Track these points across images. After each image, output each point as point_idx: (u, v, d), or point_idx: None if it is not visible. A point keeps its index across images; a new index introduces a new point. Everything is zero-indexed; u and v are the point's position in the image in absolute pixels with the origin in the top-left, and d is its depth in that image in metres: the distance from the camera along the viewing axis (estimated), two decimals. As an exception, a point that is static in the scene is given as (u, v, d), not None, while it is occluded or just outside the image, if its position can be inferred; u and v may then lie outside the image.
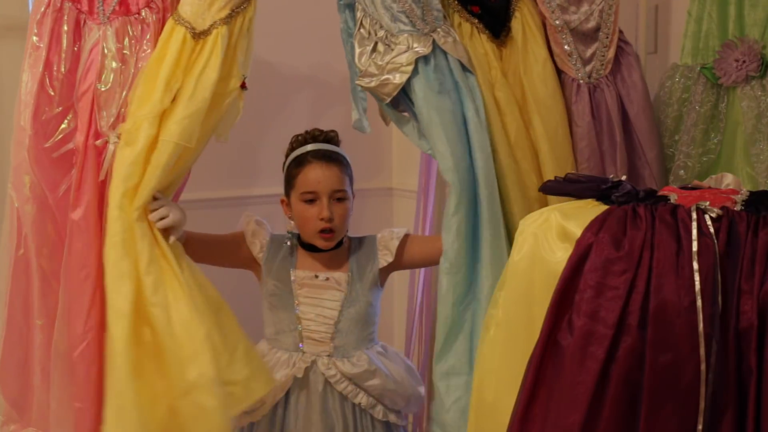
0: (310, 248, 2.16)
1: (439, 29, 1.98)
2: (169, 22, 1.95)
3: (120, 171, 1.87)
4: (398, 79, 1.94)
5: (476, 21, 2.07)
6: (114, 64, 1.94)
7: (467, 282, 1.94)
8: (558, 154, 2.02)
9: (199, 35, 1.93)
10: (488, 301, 1.87)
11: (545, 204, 2.02)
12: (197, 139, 1.92)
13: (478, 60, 2.04)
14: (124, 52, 1.95)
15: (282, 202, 2.19)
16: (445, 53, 1.97)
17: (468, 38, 2.05)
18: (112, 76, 1.94)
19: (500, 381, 1.54)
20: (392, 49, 1.95)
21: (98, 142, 1.93)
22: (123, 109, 1.93)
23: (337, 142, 2.20)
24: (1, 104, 2.34)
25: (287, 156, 2.19)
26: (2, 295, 2.03)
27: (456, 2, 2.07)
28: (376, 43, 1.97)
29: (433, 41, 1.96)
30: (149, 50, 1.96)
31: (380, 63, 1.95)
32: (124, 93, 1.94)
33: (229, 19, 1.94)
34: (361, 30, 1.98)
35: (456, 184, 1.92)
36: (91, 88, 1.94)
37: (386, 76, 1.95)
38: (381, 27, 1.96)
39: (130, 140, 1.89)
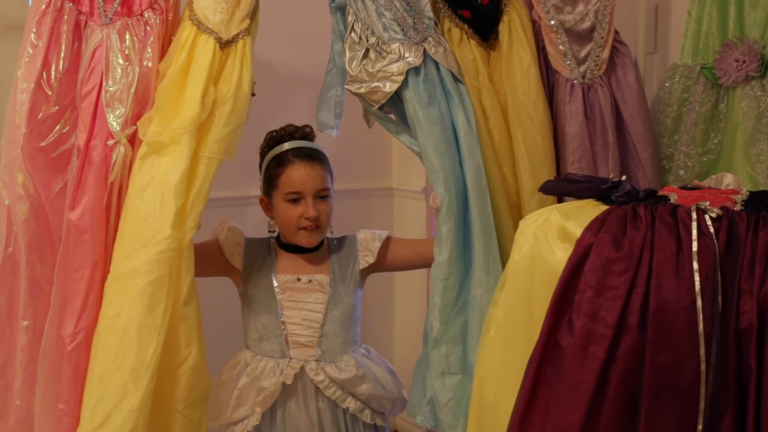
0: (291, 249, 2.14)
1: (429, 38, 1.98)
2: (188, 27, 1.94)
3: (170, 187, 1.85)
4: (388, 87, 1.95)
5: (465, 26, 2.06)
6: (119, 67, 1.94)
7: (459, 288, 1.95)
8: (534, 160, 2.02)
9: (225, 44, 1.93)
10: (481, 307, 1.89)
11: (521, 209, 2.04)
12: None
13: (466, 66, 2.04)
14: (127, 52, 1.95)
15: (261, 201, 2.17)
16: (436, 63, 1.97)
17: (457, 44, 2.06)
18: (119, 77, 1.94)
19: (500, 381, 1.54)
20: (384, 57, 1.95)
21: (110, 142, 1.92)
22: (131, 111, 1.93)
23: (313, 138, 2.18)
24: (1, 104, 2.34)
25: (263, 153, 2.17)
26: None
27: (446, 7, 2.07)
28: (367, 50, 1.97)
29: (424, 51, 1.96)
30: (153, 51, 1.95)
31: (371, 70, 1.95)
32: (132, 91, 1.93)
33: (249, 30, 1.96)
34: (352, 34, 1.98)
35: (445, 197, 1.92)
36: (95, 89, 1.93)
37: (376, 84, 1.95)
38: (372, 33, 1.96)
39: (168, 153, 1.88)
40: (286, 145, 2.12)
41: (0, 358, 1.98)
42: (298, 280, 2.11)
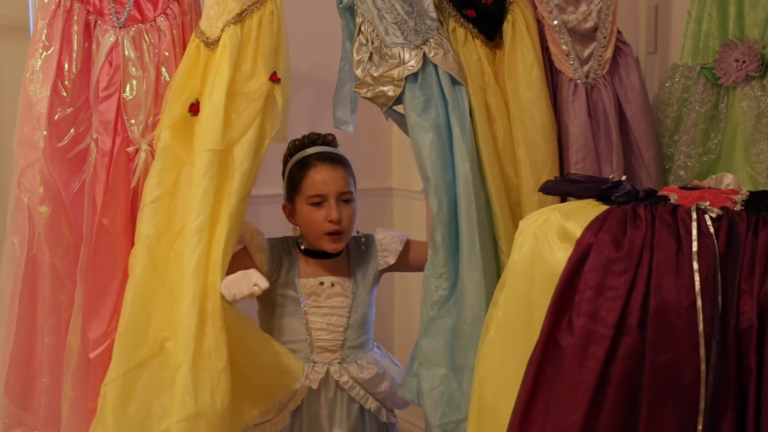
0: (314, 254, 2.14)
1: (431, 40, 1.98)
2: (192, 38, 1.98)
3: (145, 188, 1.91)
4: (391, 92, 1.96)
5: (470, 26, 2.06)
6: (135, 73, 1.96)
7: (450, 287, 1.96)
8: (535, 160, 2.02)
9: (212, 43, 1.94)
10: (469, 305, 1.91)
11: (522, 207, 2.03)
12: (229, 139, 1.91)
13: (471, 66, 2.04)
14: (144, 60, 1.97)
15: (284, 208, 2.17)
16: (435, 66, 1.97)
17: (462, 44, 2.05)
18: (135, 85, 1.96)
19: (500, 381, 1.54)
20: (386, 61, 1.96)
21: (130, 149, 1.95)
22: (151, 117, 1.96)
23: (335, 145, 2.19)
24: (1, 104, 2.34)
25: (285, 161, 2.18)
26: (5, 296, 2.03)
27: (451, 7, 2.06)
28: (371, 54, 1.98)
29: (424, 54, 1.96)
30: (168, 57, 1.97)
31: (375, 74, 1.96)
32: (149, 99, 1.96)
33: (239, 18, 1.94)
34: (360, 37, 1.99)
35: (434, 205, 1.94)
36: (115, 95, 1.96)
37: (381, 88, 1.96)
38: (377, 36, 1.97)
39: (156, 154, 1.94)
40: (309, 150, 2.13)
41: (25, 357, 2.03)
42: (321, 284, 2.11)
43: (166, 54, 1.98)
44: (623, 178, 1.58)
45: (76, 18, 1.97)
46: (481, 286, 1.91)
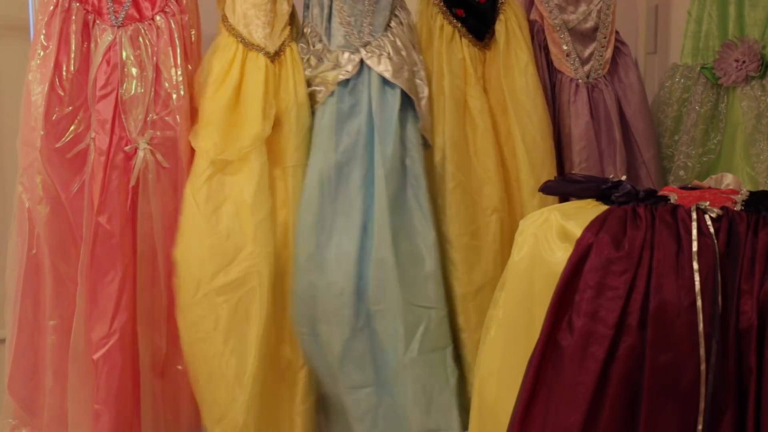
0: None
1: (372, 42, 1.98)
2: (233, 45, 1.98)
3: (245, 205, 1.91)
4: (321, 95, 1.98)
5: (459, 25, 2.06)
6: (134, 71, 1.96)
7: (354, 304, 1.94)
8: (534, 159, 2.02)
9: (273, 57, 1.98)
10: (389, 319, 1.90)
11: (523, 207, 2.02)
12: None
13: (453, 65, 2.03)
14: (141, 58, 1.97)
15: None
16: (370, 68, 1.97)
17: (448, 42, 2.05)
18: (134, 83, 1.96)
19: (501, 381, 1.54)
20: (323, 62, 1.98)
21: (128, 148, 1.95)
22: (150, 115, 1.95)
23: None
24: (1, 104, 2.34)
25: None
26: (10, 296, 2.03)
27: (441, 4, 2.06)
28: (309, 58, 2.00)
29: (361, 60, 1.97)
30: (167, 55, 1.97)
31: (309, 74, 1.99)
32: (148, 98, 1.96)
33: (292, 36, 2.03)
34: (302, 42, 2.03)
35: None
36: (112, 93, 1.95)
37: (314, 88, 1.99)
38: (320, 40, 1.99)
39: (236, 171, 1.93)
40: None
41: (30, 357, 2.01)
42: None
43: (166, 51, 1.98)
44: (623, 178, 1.58)
45: (74, 17, 1.97)
46: (399, 298, 1.89)
